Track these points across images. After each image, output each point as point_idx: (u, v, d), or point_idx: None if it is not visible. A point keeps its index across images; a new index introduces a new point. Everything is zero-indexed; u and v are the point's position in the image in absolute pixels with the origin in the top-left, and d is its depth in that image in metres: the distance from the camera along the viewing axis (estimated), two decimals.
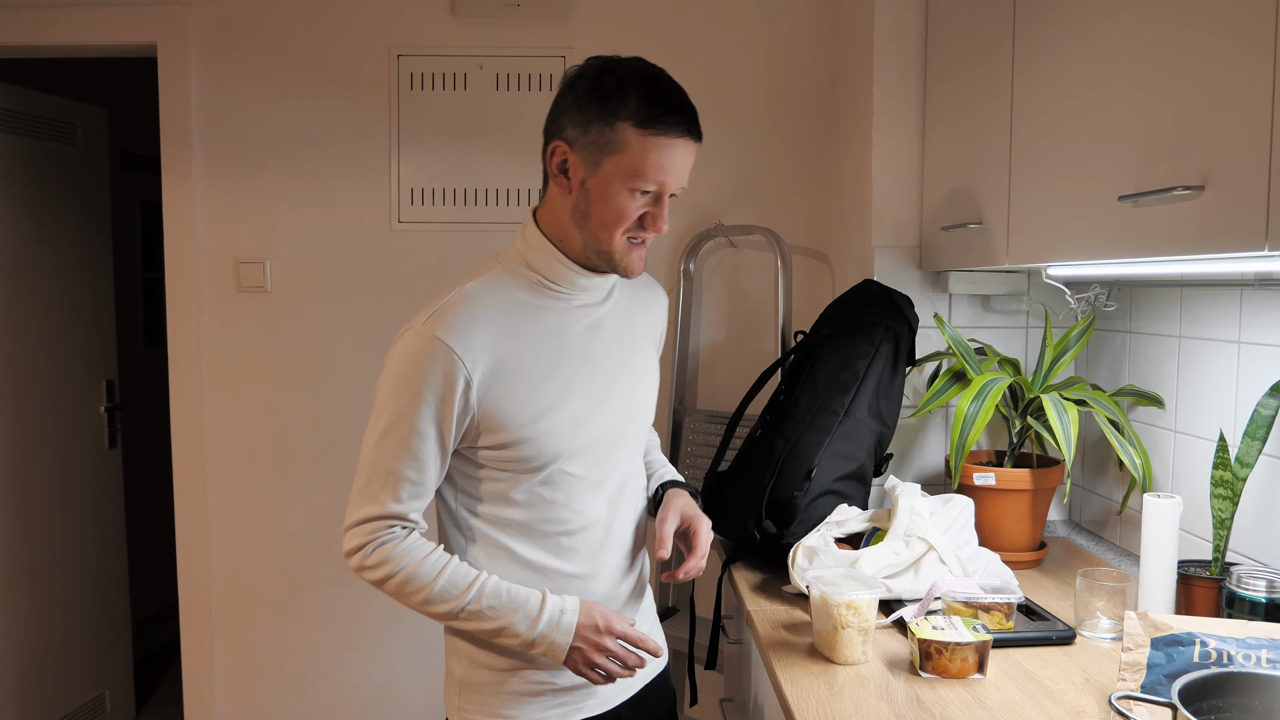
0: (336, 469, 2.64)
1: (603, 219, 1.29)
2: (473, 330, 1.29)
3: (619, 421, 1.40)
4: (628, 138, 1.25)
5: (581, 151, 1.28)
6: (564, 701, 1.41)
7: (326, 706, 2.70)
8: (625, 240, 1.31)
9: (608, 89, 1.26)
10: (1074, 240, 1.39)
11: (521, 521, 1.36)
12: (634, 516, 1.48)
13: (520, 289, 1.35)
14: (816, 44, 2.57)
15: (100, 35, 2.56)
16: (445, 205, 2.61)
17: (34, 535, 2.88)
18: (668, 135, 1.25)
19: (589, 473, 1.37)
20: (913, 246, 2.13)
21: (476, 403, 1.29)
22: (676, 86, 1.30)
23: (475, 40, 2.57)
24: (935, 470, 2.16)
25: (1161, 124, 1.16)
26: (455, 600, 1.30)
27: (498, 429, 1.30)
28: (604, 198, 1.28)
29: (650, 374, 1.50)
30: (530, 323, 1.33)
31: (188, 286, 2.61)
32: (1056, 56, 1.46)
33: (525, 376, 1.31)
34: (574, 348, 1.36)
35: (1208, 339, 1.68)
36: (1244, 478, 1.45)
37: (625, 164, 1.26)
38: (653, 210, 1.30)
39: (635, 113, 1.24)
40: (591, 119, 1.26)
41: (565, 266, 1.35)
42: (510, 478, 1.34)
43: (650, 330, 1.51)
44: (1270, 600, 1.31)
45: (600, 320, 1.40)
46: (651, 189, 1.28)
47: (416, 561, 1.31)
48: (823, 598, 1.40)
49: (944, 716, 1.22)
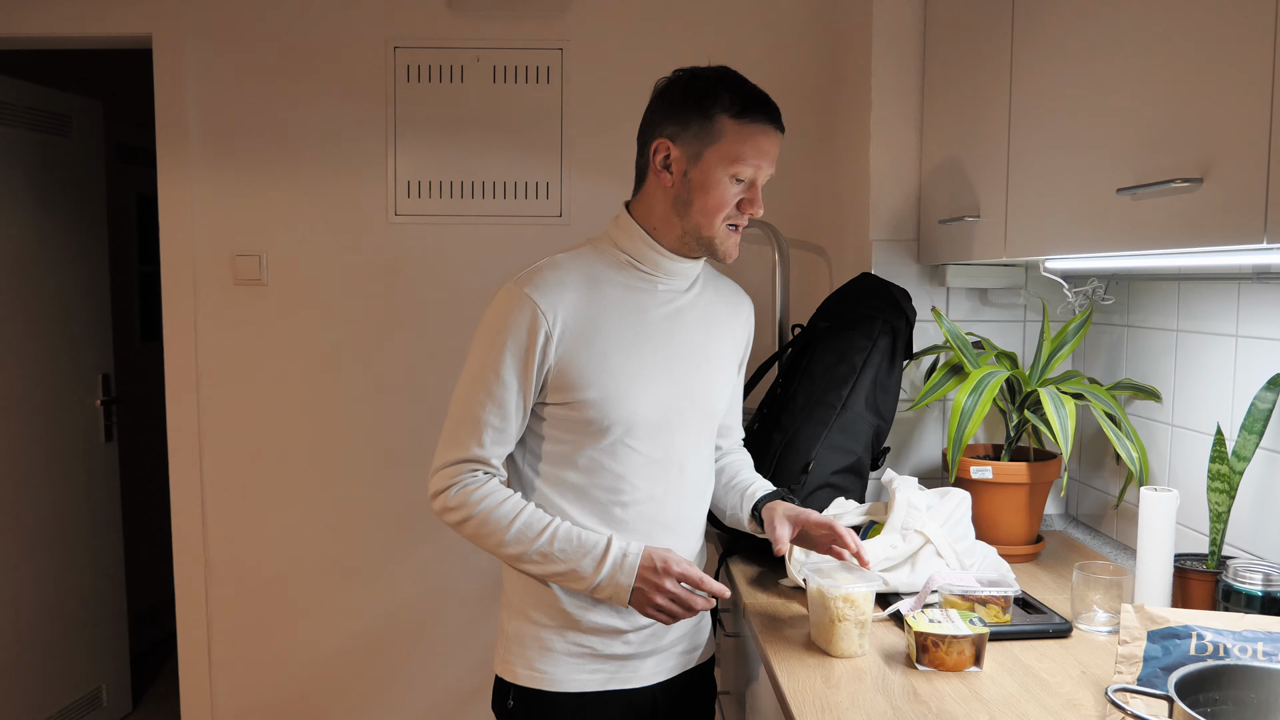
0: (333, 462, 2.64)
1: (704, 206, 1.40)
2: (557, 291, 1.40)
3: (685, 404, 1.48)
4: (725, 127, 1.38)
5: (683, 145, 1.41)
6: (601, 669, 1.48)
7: (324, 700, 2.70)
8: (725, 226, 1.42)
9: (701, 90, 1.40)
10: (1072, 233, 1.39)
11: (579, 486, 1.44)
12: (692, 503, 1.53)
13: (608, 266, 1.46)
14: (814, 37, 2.57)
15: (95, 26, 2.54)
16: (442, 198, 2.60)
17: (30, 529, 2.87)
18: (759, 123, 1.39)
19: (650, 449, 1.44)
20: (910, 240, 2.12)
21: (555, 358, 1.39)
22: (759, 88, 1.43)
23: (472, 33, 2.57)
24: (932, 463, 2.16)
25: (1160, 116, 1.16)
26: (529, 543, 1.39)
27: (567, 387, 1.40)
28: (705, 186, 1.40)
29: (725, 372, 1.56)
30: (613, 296, 1.44)
31: (184, 280, 2.60)
32: (1054, 49, 1.45)
33: (600, 342, 1.41)
34: (652, 327, 1.45)
35: (1205, 333, 1.67)
36: (1241, 471, 1.45)
37: (724, 151, 1.38)
38: (748, 195, 1.41)
39: (730, 105, 1.38)
40: (691, 116, 1.40)
41: (653, 250, 1.45)
42: (574, 440, 1.43)
43: (730, 333, 1.58)
44: (1266, 593, 1.31)
45: (682, 308, 1.49)
46: (748, 174, 1.40)
47: (495, 505, 1.40)
48: (819, 591, 1.40)
49: (941, 710, 1.22)
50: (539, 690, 1.48)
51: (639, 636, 1.50)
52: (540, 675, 1.48)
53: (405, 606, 2.68)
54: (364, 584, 2.67)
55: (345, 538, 2.66)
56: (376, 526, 2.66)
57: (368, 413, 2.64)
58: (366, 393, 2.64)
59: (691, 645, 1.59)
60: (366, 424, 2.64)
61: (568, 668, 1.47)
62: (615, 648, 1.48)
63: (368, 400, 2.64)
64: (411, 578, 2.67)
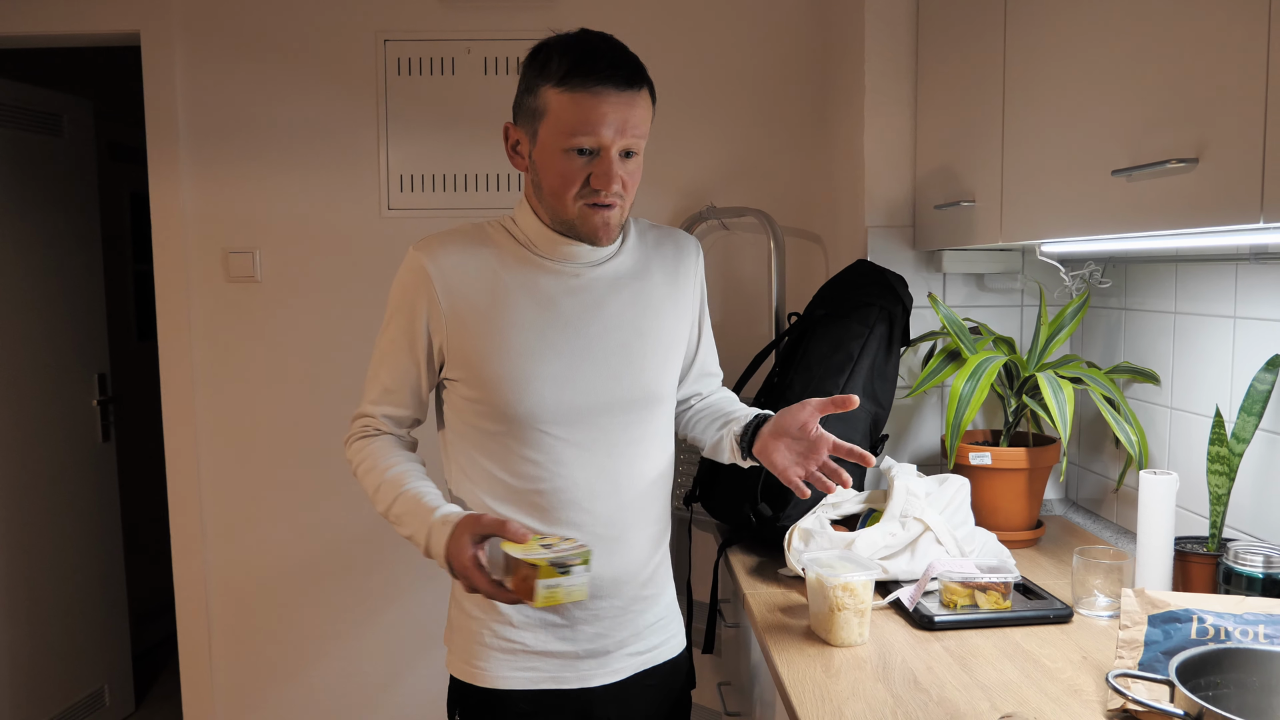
0: (330, 457, 2.63)
1: (552, 186, 1.30)
2: (449, 254, 1.35)
3: (613, 388, 1.36)
4: (550, 100, 1.26)
5: (523, 126, 1.32)
6: (534, 666, 1.38)
7: (325, 698, 2.70)
8: (581, 205, 1.30)
9: (537, 61, 1.29)
10: (1068, 216, 1.38)
11: (493, 474, 1.36)
12: (633, 487, 1.39)
13: (509, 241, 1.39)
14: (807, 23, 2.55)
15: (82, 24, 2.52)
16: (435, 191, 2.59)
17: (29, 530, 2.87)
18: (588, 89, 1.24)
19: (570, 434, 1.34)
20: (906, 226, 2.11)
21: (445, 320, 1.34)
22: (609, 43, 1.29)
23: (462, 24, 2.55)
24: (931, 450, 2.16)
25: (1154, 97, 1.15)
26: (384, 505, 1.37)
27: (466, 361, 1.34)
28: (546, 165, 1.30)
29: (669, 345, 1.43)
30: (514, 273, 1.36)
31: (177, 278, 2.59)
32: (1048, 31, 1.44)
33: (498, 319, 1.33)
34: (563, 312, 1.35)
35: (1203, 314, 1.67)
36: (1240, 453, 1.44)
37: (554, 125, 1.26)
38: (595, 168, 1.27)
39: (553, 74, 1.26)
40: (524, 94, 1.31)
41: (546, 231, 1.36)
42: (488, 428, 1.35)
43: (673, 300, 1.44)
44: (1267, 575, 1.31)
45: (600, 290, 1.37)
46: (587, 145, 1.26)
47: (372, 463, 1.39)
48: (819, 580, 1.39)
49: (941, 697, 1.21)
50: (474, 686, 1.39)
51: (578, 634, 1.39)
52: (476, 671, 1.39)
53: (405, 603, 2.68)
54: (363, 579, 2.66)
55: (343, 533, 2.66)
56: (375, 521, 2.66)
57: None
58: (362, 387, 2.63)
59: (649, 644, 1.45)
60: None
61: (501, 665, 1.38)
62: (548, 643, 1.38)
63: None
64: (411, 573, 2.66)
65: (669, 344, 1.43)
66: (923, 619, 1.45)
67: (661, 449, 1.44)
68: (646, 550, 1.43)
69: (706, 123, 2.57)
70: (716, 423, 1.50)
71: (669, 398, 1.45)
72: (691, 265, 1.48)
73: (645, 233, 1.47)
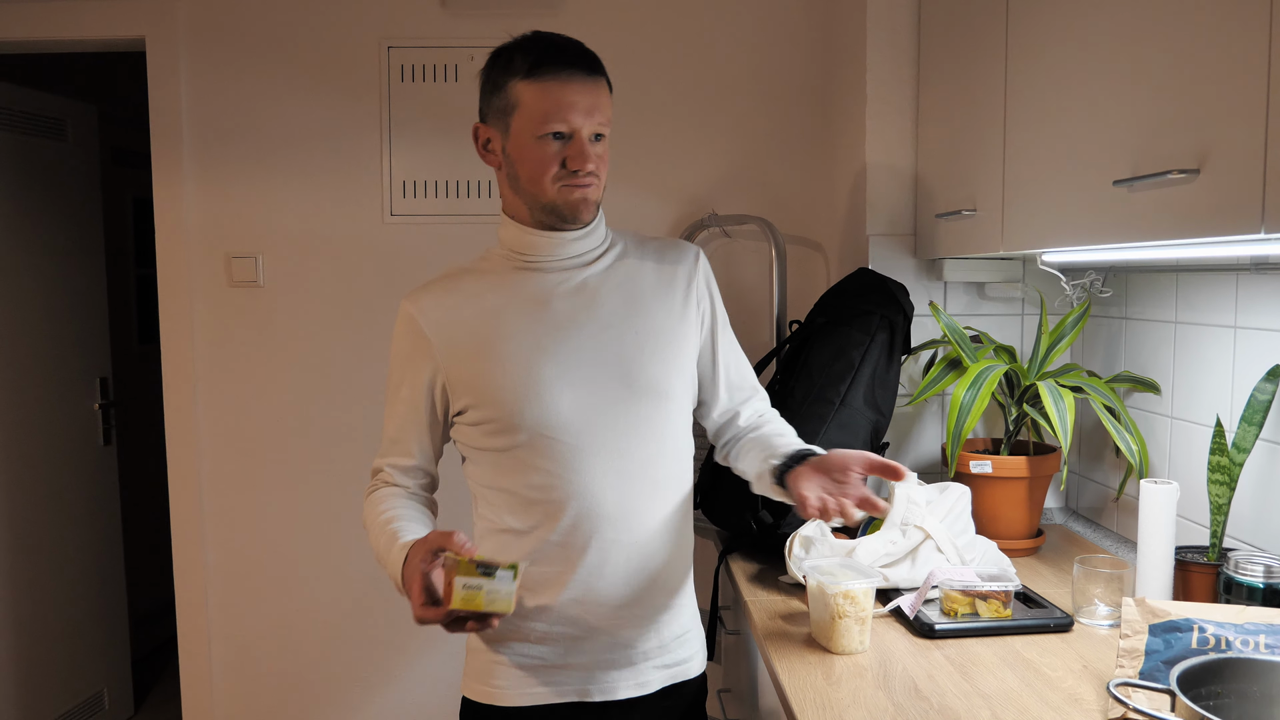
0: (331, 463, 2.63)
1: (529, 174, 1.35)
2: (431, 294, 1.41)
3: (614, 384, 1.36)
4: (521, 92, 1.33)
5: (494, 123, 1.37)
6: (557, 681, 1.40)
7: (325, 702, 2.70)
8: (559, 186, 1.34)
9: (495, 64, 1.37)
10: (1069, 226, 1.38)
11: (510, 489, 1.38)
12: (642, 487, 1.38)
13: (503, 264, 1.43)
14: (809, 32, 2.56)
15: (88, 29, 2.53)
16: (438, 198, 2.59)
17: (30, 533, 2.87)
18: (555, 77, 1.32)
19: (575, 439, 1.34)
20: (907, 234, 2.12)
21: (441, 358, 1.38)
22: (566, 38, 1.37)
23: (466, 31, 2.56)
24: (932, 458, 2.16)
25: (1156, 107, 1.15)
26: (375, 552, 1.38)
27: (467, 389, 1.37)
28: (522, 156, 1.35)
29: (670, 340, 1.42)
30: (501, 291, 1.40)
31: (179, 282, 2.60)
32: (1050, 41, 1.45)
33: (499, 345, 1.36)
34: (558, 314, 1.38)
35: (1204, 324, 1.67)
36: (1241, 463, 1.44)
37: (527, 115, 1.32)
38: (570, 151, 1.33)
39: (520, 68, 1.33)
40: (492, 92, 1.36)
41: (526, 234, 1.40)
42: (499, 446, 1.37)
43: (667, 296, 1.43)
44: (1268, 585, 1.31)
45: (592, 284, 1.40)
46: (561, 129, 1.32)
47: (373, 515, 1.40)
48: (819, 587, 1.40)
49: (942, 705, 1.21)
50: (489, 705, 1.41)
51: (597, 644, 1.39)
52: (491, 691, 1.41)
53: (406, 607, 2.67)
54: (363, 584, 2.66)
55: (344, 538, 2.65)
56: None
57: (365, 413, 2.63)
58: (363, 393, 2.63)
59: (673, 659, 1.45)
60: (364, 424, 2.63)
61: (523, 680, 1.40)
62: (570, 656, 1.39)
63: (365, 400, 2.63)
64: None
65: (662, 337, 1.41)
66: (923, 627, 1.45)
67: (675, 452, 1.42)
68: (667, 554, 1.41)
69: (708, 130, 2.58)
70: (762, 454, 1.44)
71: (677, 396, 1.42)
72: (688, 265, 1.48)
73: (644, 241, 1.49)
